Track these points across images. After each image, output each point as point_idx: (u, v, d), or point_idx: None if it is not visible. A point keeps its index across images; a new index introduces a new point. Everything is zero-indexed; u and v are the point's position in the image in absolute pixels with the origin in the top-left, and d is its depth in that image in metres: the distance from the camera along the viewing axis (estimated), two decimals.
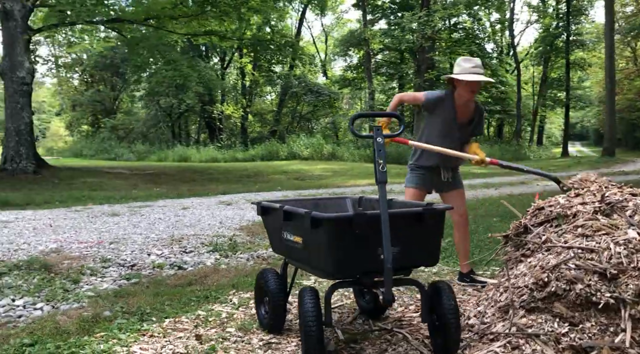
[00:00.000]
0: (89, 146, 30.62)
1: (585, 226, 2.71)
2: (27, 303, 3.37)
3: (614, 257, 2.48)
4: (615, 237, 2.58)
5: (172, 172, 15.42)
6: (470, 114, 3.83)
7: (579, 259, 2.54)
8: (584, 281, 2.46)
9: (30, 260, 4.24)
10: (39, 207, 7.79)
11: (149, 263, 4.48)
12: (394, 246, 2.47)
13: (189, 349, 2.60)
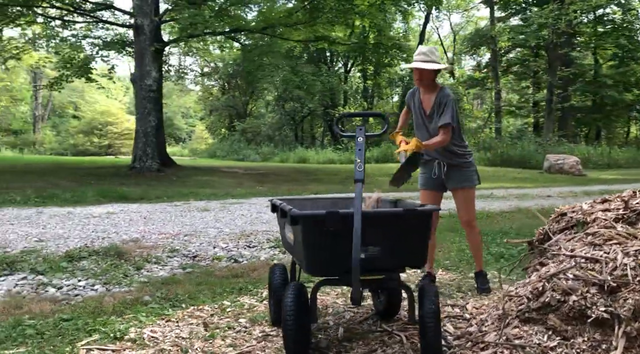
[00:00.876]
0: (222, 147, 33.15)
1: (597, 233, 2.48)
2: (88, 284, 3.84)
3: (618, 268, 2.25)
4: (626, 248, 2.32)
5: (281, 172, 16.12)
6: (432, 102, 3.62)
7: (579, 269, 2.34)
8: (581, 292, 2.26)
9: (109, 247, 4.79)
10: (148, 201, 8.67)
11: (210, 255, 4.83)
12: (375, 246, 2.47)
13: (192, 335, 2.81)
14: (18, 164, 17.16)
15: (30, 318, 3.03)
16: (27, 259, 4.32)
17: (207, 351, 2.60)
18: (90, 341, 2.69)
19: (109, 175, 12.49)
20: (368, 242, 2.42)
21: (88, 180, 11.57)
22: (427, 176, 3.74)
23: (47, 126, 42.20)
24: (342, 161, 26.30)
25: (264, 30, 15.95)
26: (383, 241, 2.45)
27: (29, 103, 41.61)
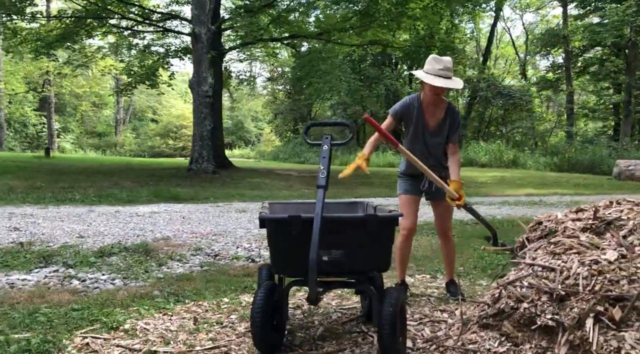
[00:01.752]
0: (285, 150, 33.86)
1: (559, 243, 2.46)
2: (109, 278, 4.16)
3: (571, 277, 2.25)
4: (584, 257, 2.31)
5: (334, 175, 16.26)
6: (440, 115, 3.58)
7: (534, 278, 2.35)
8: (532, 300, 2.27)
9: (139, 245, 5.14)
10: (196, 202, 9.11)
11: (231, 255, 5.07)
12: (337, 250, 2.58)
13: (180, 328, 3.03)
14: (93, 164, 18.35)
15: (47, 307, 3.36)
16: (63, 254, 4.73)
17: (188, 343, 2.80)
18: (89, 330, 2.96)
19: (168, 176, 13.17)
20: (330, 245, 2.54)
21: (148, 181, 12.25)
22: (414, 185, 3.71)
23: (127, 129, 44.68)
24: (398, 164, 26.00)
25: (320, 36, 16.20)
26: (345, 245, 2.55)
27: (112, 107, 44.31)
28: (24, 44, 17.08)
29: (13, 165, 15.51)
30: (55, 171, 14.30)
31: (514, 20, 75.07)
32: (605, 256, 2.27)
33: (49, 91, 30.25)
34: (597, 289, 2.15)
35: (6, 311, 3.27)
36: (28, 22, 16.10)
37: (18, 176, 12.52)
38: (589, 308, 2.11)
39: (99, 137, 42.01)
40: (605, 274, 2.19)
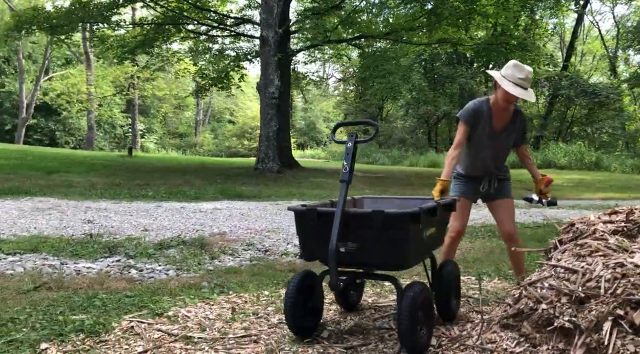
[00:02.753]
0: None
1: (585, 245, 2.40)
2: (164, 269, 4.44)
3: (592, 280, 2.19)
4: (609, 260, 2.25)
5: (400, 176, 16.18)
6: (508, 118, 3.55)
7: (556, 279, 2.31)
8: (551, 301, 2.24)
9: (196, 239, 5.43)
10: (258, 200, 9.41)
11: (280, 251, 5.24)
12: (354, 242, 2.66)
13: (217, 316, 3.21)
14: (170, 163, 19.33)
15: (104, 293, 3.66)
16: (126, 245, 5.09)
17: (222, 331, 2.97)
18: (136, 315, 3.20)
19: (236, 175, 13.65)
20: (347, 238, 2.65)
21: (216, 179, 12.76)
22: (471, 187, 3.71)
23: (206, 130, 46.59)
24: None
25: (388, 36, 16.16)
26: (361, 239, 2.64)
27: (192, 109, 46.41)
28: (110, 50, 18.31)
29: (98, 163, 16.65)
30: (135, 169, 15.22)
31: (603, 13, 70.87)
32: (632, 259, 2.20)
33: (133, 93, 32.11)
34: (618, 293, 2.09)
35: (70, 295, 3.59)
36: (113, 30, 17.23)
37: (101, 174, 13.45)
38: (607, 311, 2.05)
39: (180, 138, 44.12)
40: (629, 278, 2.12)
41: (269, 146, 13.48)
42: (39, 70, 34.45)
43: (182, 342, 2.78)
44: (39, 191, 9.07)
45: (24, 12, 16.63)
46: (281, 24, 14.45)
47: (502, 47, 14.86)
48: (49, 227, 5.81)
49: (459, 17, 14.08)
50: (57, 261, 4.45)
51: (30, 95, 33.40)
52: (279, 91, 13.63)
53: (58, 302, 3.39)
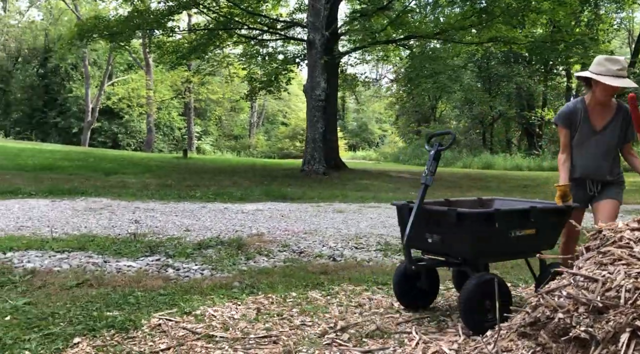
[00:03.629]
0: (405, 152, 33.65)
1: (608, 253, 2.31)
2: (199, 268, 4.57)
3: (612, 289, 2.11)
4: (631, 269, 2.15)
5: (451, 178, 15.90)
6: (609, 116, 3.45)
7: (574, 288, 2.23)
8: (568, 310, 2.17)
9: (234, 239, 5.55)
10: (302, 201, 9.50)
11: (315, 252, 5.28)
12: (436, 234, 3.22)
13: (242, 316, 3.28)
14: (222, 165, 19.81)
15: (140, 291, 3.81)
16: (167, 245, 5.27)
17: (245, 331, 3.04)
18: (166, 313, 3.32)
19: (282, 176, 13.84)
20: (433, 230, 3.25)
21: (263, 180, 12.97)
22: (581, 194, 3.60)
23: (260, 132, 47.39)
24: (530, 167, 24.68)
25: (437, 35, 15.94)
26: (441, 232, 3.22)
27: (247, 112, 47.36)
28: (166, 56, 18.98)
29: (154, 165, 17.27)
30: (187, 171, 15.69)
31: None
32: None
33: (188, 97, 33.12)
34: (639, 304, 2.00)
35: (108, 292, 3.77)
36: (167, 36, 17.87)
37: (155, 175, 13.95)
38: (626, 322, 1.97)
39: (235, 140, 45.09)
40: None
41: (315, 148, 13.59)
42: (102, 76, 36.10)
43: (204, 340, 2.87)
44: (94, 191, 9.51)
45: (87, 21, 17.51)
46: (329, 26, 14.54)
47: (557, 44, 14.33)
48: (98, 227, 6.09)
49: (512, 14, 13.70)
50: (100, 259, 4.67)
51: (95, 99, 35.06)
52: (326, 93, 13.71)
53: (96, 299, 3.57)
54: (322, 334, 3.01)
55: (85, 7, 36.17)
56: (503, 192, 11.92)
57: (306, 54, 15.73)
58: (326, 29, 13.90)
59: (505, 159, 26.98)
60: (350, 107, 58.58)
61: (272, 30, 18.57)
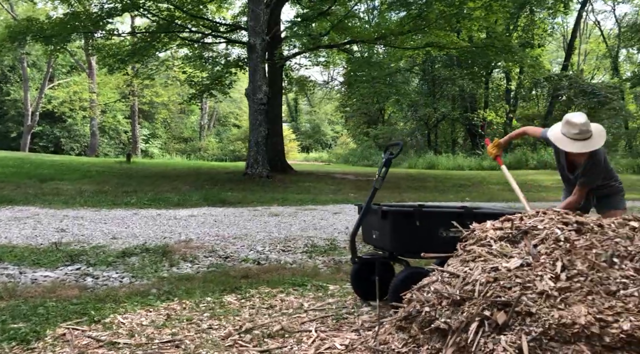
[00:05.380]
0: (354, 153, 34.15)
1: (471, 251, 2.52)
2: (120, 276, 4.59)
3: (470, 284, 2.32)
4: (487, 265, 2.37)
5: (392, 179, 16.24)
6: (581, 162, 3.64)
7: (440, 283, 2.43)
8: (433, 304, 2.36)
9: (160, 246, 5.58)
10: (239, 205, 9.55)
11: (242, 257, 5.37)
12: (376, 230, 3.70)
13: (151, 323, 3.34)
14: (166, 169, 19.45)
15: (53, 301, 3.80)
16: (90, 253, 5.24)
17: (151, 336, 3.10)
18: (73, 323, 3.34)
19: (225, 180, 13.81)
20: (376, 227, 3.67)
21: (205, 184, 12.92)
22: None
23: (211, 134, 46.79)
24: (471, 167, 25.50)
25: (378, 40, 16.28)
26: (379, 228, 3.60)
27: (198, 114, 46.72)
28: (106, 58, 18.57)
29: (94, 170, 16.84)
30: (128, 176, 15.41)
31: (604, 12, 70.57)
32: (507, 264, 2.31)
33: (132, 100, 32.48)
34: (488, 295, 2.21)
35: (19, 304, 3.74)
36: (106, 38, 17.50)
37: (93, 181, 13.65)
38: (476, 312, 2.17)
39: (185, 142, 44.36)
40: (500, 281, 2.24)
41: (258, 151, 13.65)
42: (43, 79, 34.91)
43: (106, 348, 2.92)
44: (24, 199, 9.27)
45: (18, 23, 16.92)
46: (271, 30, 14.64)
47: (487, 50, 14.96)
48: (20, 237, 5.97)
49: (446, 20, 14.18)
50: (16, 270, 4.61)
51: (35, 103, 33.85)
52: (268, 97, 13.79)
53: (3, 311, 3.53)
54: (226, 336, 3.11)
55: (22, 6, 34.84)
56: (438, 192, 12.33)
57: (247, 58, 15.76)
58: (268, 33, 13.98)
59: (449, 159, 27.78)
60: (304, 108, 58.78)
61: (216, 33, 18.50)
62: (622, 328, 1.97)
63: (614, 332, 1.97)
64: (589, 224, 2.42)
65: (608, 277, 2.16)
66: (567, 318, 2.04)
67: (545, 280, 2.22)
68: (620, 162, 21.53)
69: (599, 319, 2.01)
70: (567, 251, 2.31)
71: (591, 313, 2.04)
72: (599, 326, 1.99)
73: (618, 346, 1.96)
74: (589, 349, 1.96)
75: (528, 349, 2.00)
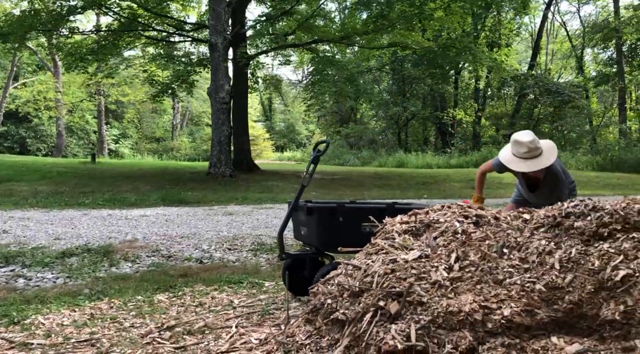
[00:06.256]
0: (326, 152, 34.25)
1: (375, 244, 2.55)
2: (54, 277, 4.52)
3: (369, 275, 2.35)
4: (387, 257, 2.40)
5: (357, 177, 16.35)
6: (541, 180, 3.66)
7: (343, 276, 2.46)
8: (335, 296, 2.39)
9: (103, 246, 5.50)
10: (196, 205, 9.49)
11: (185, 256, 5.33)
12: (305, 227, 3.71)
13: (72, 322, 3.30)
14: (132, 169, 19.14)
15: None
16: (27, 255, 5.14)
17: (69, 336, 3.06)
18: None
19: (187, 180, 13.70)
20: (304, 223, 3.69)
21: (166, 184, 12.79)
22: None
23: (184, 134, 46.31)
24: (439, 165, 25.79)
25: (342, 40, 16.34)
26: (306, 224, 3.62)
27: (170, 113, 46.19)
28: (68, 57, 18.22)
29: (56, 171, 16.50)
30: (90, 176, 15.15)
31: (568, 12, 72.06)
32: (405, 256, 2.35)
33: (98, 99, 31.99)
34: (384, 286, 2.24)
35: None
36: (66, 37, 17.17)
37: (52, 181, 13.39)
38: (372, 302, 2.20)
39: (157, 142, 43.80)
40: (396, 272, 2.28)
41: (221, 151, 13.57)
42: (7, 78, 34.10)
43: (17, 349, 2.87)
44: None
45: None
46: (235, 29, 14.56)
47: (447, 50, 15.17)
48: None
49: (407, 20, 14.30)
50: None
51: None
52: (230, 96, 13.72)
53: None
54: (146, 334, 3.09)
55: None
56: (400, 189, 12.44)
57: None
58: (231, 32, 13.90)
59: (418, 157, 28.04)
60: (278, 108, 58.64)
61: (180, 32, 18.32)
62: (503, 314, 2.02)
63: (496, 318, 2.03)
64: (487, 217, 2.47)
65: (497, 266, 2.21)
66: (454, 306, 2.08)
67: (440, 271, 2.27)
68: (581, 159, 22.00)
69: (483, 307, 2.06)
70: (462, 242, 2.36)
71: (477, 301, 2.09)
72: (483, 313, 2.04)
73: (499, 331, 2.01)
74: (471, 335, 2.01)
75: (416, 337, 2.04)
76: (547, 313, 2.02)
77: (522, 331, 2.03)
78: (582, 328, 1.97)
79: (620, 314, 1.85)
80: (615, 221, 2.07)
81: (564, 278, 2.03)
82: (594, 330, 1.94)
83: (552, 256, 2.12)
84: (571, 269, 2.04)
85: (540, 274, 2.10)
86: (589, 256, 2.04)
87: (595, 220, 2.12)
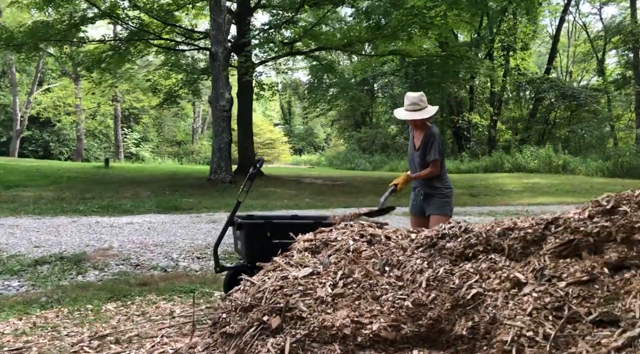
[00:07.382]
0: (338, 156, 34.26)
1: (274, 261, 2.64)
2: (19, 285, 4.69)
3: (261, 292, 2.43)
4: (280, 274, 2.49)
5: (359, 183, 16.38)
6: (421, 140, 4.10)
7: (241, 292, 2.55)
8: (229, 311, 2.49)
9: (76, 254, 5.67)
10: (190, 212, 9.65)
11: (153, 265, 5.47)
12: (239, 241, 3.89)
13: (14, 331, 3.44)
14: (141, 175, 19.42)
15: None
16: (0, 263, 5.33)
17: (3, 345, 3.20)
18: None
19: (187, 186, 13.90)
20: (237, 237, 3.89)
21: (167, 190, 13.01)
22: (412, 201, 4.28)
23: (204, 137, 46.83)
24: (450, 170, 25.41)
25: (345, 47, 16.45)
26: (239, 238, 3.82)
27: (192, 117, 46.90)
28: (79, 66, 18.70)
29: (67, 176, 16.88)
30: (97, 182, 15.48)
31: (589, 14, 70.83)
32: (296, 273, 2.43)
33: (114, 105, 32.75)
34: (270, 302, 2.33)
35: None
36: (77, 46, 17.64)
37: (59, 187, 13.72)
38: (256, 317, 2.29)
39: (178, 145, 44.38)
40: (284, 289, 2.36)
41: (221, 157, 13.77)
42: (32, 83, 35.09)
43: None
44: None
45: None
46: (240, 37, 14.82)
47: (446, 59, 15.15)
48: None
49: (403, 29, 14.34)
50: None
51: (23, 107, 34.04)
52: (230, 104, 13.92)
53: None
54: (77, 342, 3.22)
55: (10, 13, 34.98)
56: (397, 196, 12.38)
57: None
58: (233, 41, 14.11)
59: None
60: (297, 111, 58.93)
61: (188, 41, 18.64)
62: (372, 328, 2.09)
63: (366, 333, 2.10)
64: (380, 236, 2.54)
65: (377, 283, 2.28)
66: (329, 321, 2.16)
67: (326, 287, 2.35)
68: (591, 164, 21.57)
69: (356, 322, 2.14)
70: (351, 260, 2.43)
71: (351, 316, 2.16)
72: (354, 328, 2.12)
73: (367, 345, 2.09)
74: (341, 349, 2.09)
75: (289, 350, 2.13)
76: (412, 328, 2.09)
77: (388, 345, 2.11)
78: (442, 342, 2.05)
79: (467, 330, 1.92)
80: (480, 242, 2.13)
81: (428, 295, 2.10)
82: (450, 344, 2.01)
83: (422, 274, 2.18)
84: (435, 287, 2.11)
85: (410, 292, 2.17)
86: (453, 275, 2.11)
87: (464, 241, 2.18)
